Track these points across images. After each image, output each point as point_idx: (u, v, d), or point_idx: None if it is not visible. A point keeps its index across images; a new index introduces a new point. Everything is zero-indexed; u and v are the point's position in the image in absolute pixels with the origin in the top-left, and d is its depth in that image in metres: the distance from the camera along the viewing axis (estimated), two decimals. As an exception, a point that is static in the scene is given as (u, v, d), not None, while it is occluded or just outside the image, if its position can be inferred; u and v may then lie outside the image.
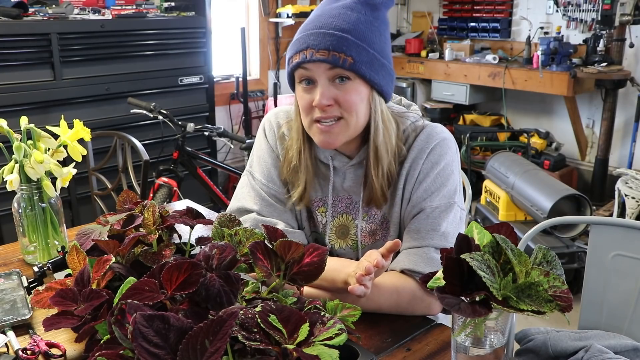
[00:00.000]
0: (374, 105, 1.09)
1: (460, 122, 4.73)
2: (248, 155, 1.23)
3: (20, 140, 1.23)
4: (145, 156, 2.01)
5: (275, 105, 4.26)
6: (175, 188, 3.00)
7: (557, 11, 4.30)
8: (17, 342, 0.96)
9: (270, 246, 0.90)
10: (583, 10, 4.14)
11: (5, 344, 0.96)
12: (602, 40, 3.89)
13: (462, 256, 0.75)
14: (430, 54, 4.79)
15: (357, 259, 1.16)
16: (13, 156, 1.23)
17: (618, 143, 4.14)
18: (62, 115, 1.40)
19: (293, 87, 1.12)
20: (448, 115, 4.83)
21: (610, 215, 3.37)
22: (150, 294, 0.76)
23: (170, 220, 1.05)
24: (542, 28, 4.40)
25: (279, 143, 1.23)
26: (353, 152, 1.17)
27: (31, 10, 3.02)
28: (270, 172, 1.22)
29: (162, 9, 3.59)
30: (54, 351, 0.93)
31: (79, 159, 1.30)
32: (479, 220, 3.66)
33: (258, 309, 0.72)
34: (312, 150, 1.17)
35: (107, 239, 0.96)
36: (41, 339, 0.96)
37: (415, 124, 1.17)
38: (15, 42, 2.83)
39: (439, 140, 1.13)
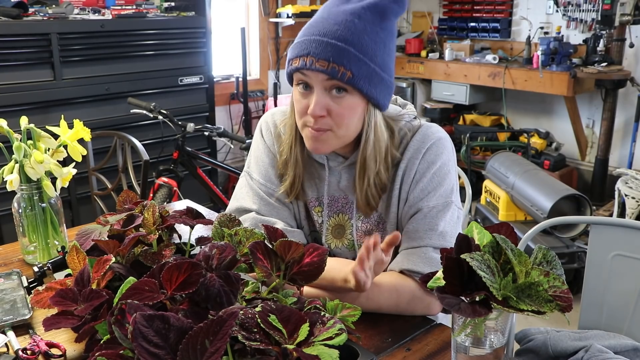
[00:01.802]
0: (369, 118, 1.08)
1: (460, 122, 4.73)
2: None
3: (20, 140, 1.23)
4: (145, 156, 2.01)
5: (275, 105, 4.26)
6: (175, 188, 3.00)
7: (557, 11, 4.30)
8: (17, 342, 0.96)
9: (270, 246, 0.90)
10: (583, 10, 4.14)
11: (5, 344, 0.96)
12: (602, 40, 3.89)
13: (462, 256, 0.75)
14: (430, 54, 4.79)
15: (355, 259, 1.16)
16: (13, 156, 1.23)
17: (618, 143, 4.14)
18: (62, 115, 1.40)
19: (292, 84, 1.13)
20: (448, 115, 4.84)
21: (610, 215, 3.37)
22: (150, 294, 0.76)
23: (170, 220, 1.05)
24: (542, 28, 4.40)
25: (275, 142, 1.23)
26: (348, 153, 1.17)
27: (31, 10, 3.02)
28: (267, 171, 1.22)
29: (162, 9, 3.59)
30: (54, 351, 0.93)
31: (79, 159, 1.30)
32: (479, 220, 3.66)
33: (258, 309, 0.72)
34: (303, 147, 1.17)
35: (107, 239, 0.96)
36: (41, 339, 0.95)
37: (410, 123, 1.16)
38: (15, 42, 2.82)
39: (434, 140, 1.13)
